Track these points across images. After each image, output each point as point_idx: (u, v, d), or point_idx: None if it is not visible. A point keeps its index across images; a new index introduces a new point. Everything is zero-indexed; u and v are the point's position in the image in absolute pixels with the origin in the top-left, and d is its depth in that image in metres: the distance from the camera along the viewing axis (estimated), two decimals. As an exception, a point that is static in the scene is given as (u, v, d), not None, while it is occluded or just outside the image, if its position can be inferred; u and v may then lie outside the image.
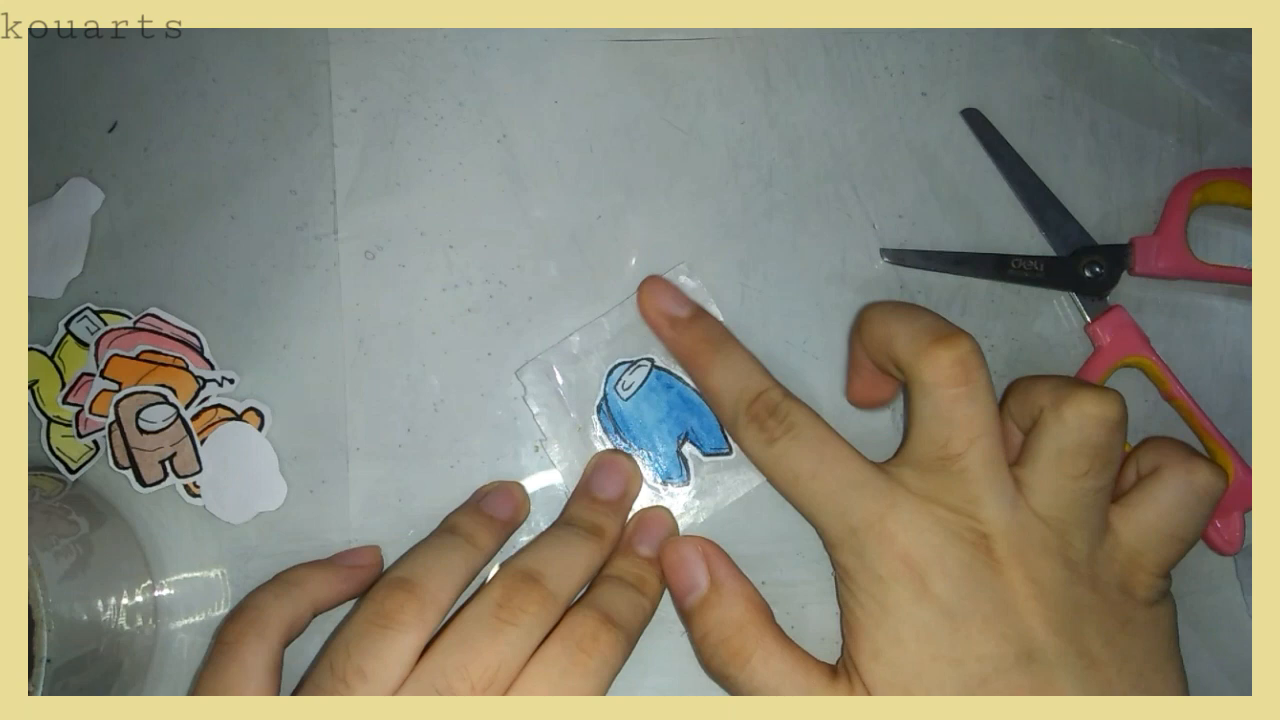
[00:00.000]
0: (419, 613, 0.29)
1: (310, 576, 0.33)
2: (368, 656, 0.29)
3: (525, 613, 0.29)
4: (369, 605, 0.30)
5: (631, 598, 0.32)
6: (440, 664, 0.29)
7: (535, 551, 0.32)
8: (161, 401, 0.37)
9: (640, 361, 0.37)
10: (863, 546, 0.30)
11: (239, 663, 0.30)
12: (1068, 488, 0.30)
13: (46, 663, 0.30)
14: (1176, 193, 0.38)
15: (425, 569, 0.31)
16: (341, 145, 0.39)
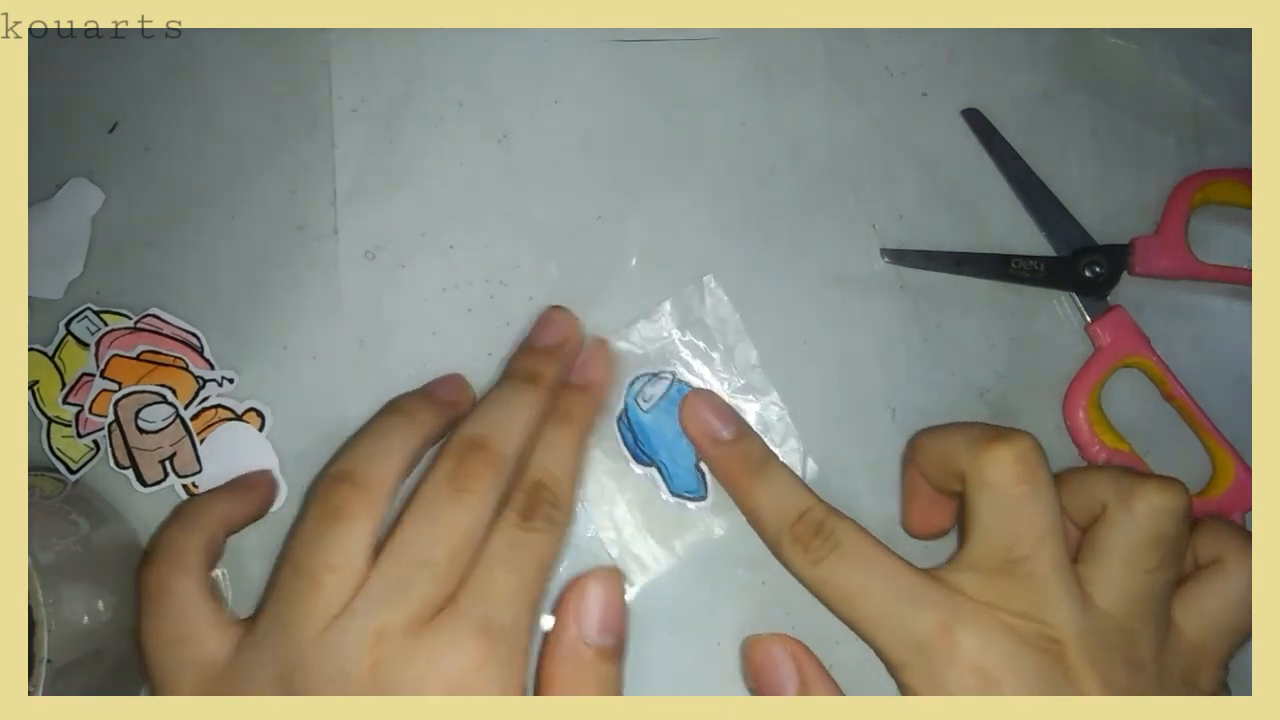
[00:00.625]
0: (366, 503, 0.30)
1: (212, 501, 0.35)
2: (329, 550, 0.29)
3: (478, 479, 0.30)
4: (315, 503, 0.30)
5: (560, 438, 0.33)
6: (406, 542, 0.29)
7: (479, 416, 0.32)
8: (161, 401, 0.37)
9: (663, 374, 0.36)
10: (929, 663, 0.29)
11: (172, 603, 0.31)
12: (1139, 583, 0.29)
13: (46, 663, 0.30)
14: (1176, 193, 0.38)
15: (365, 457, 0.31)
16: (341, 145, 0.39)
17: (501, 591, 0.29)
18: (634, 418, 0.36)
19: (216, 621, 0.31)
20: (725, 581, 0.36)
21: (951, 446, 0.31)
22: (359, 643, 0.27)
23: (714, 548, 0.37)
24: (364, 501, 0.30)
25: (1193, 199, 0.37)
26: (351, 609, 0.28)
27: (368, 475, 0.30)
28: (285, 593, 0.29)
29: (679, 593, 0.36)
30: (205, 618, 0.31)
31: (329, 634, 0.28)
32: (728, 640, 0.36)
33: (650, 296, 0.38)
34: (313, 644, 0.28)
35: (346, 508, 0.30)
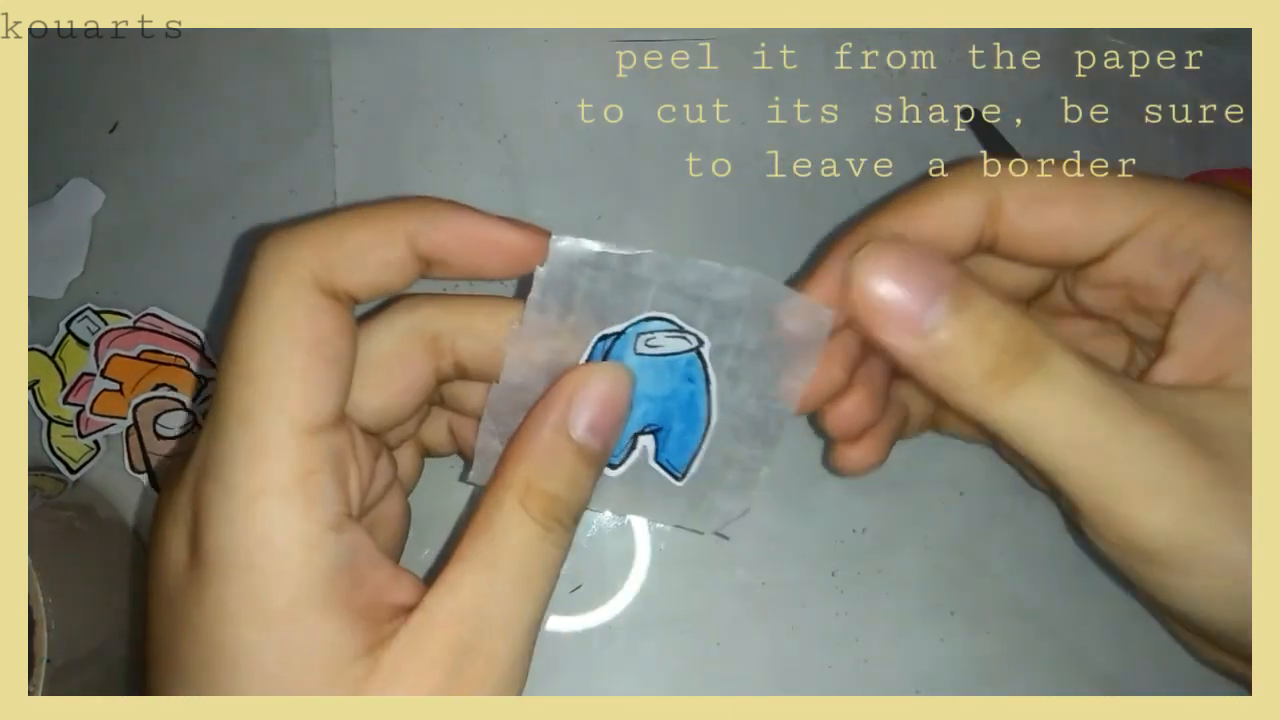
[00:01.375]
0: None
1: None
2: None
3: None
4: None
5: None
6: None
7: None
8: (179, 408, 0.37)
9: (689, 335, 0.28)
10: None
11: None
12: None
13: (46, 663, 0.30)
14: (1176, 193, 0.37)
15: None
16: (341, 145, 0.39)
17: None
18: (620, 351, 0.27)
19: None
20: (725, 581, 0.36)
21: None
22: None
23: (713, 547, 0.37)
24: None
25: (1193, 199, 0.37)
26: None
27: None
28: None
29: (679, 593, 0.36)
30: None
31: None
32: (728, 640, 0.36)
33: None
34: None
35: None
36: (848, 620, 0.36)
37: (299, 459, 0.22)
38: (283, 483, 0.21)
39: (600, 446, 0.24)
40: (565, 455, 0.24)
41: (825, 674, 0.36)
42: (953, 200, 0.25)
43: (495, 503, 0.23)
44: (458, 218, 0.24)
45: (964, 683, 0.36)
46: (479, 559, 0.23)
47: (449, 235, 0.24)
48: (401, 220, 0.23)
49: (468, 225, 0.24)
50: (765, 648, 0.36)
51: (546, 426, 0.24)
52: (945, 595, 0.36)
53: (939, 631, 0.36)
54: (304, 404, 0.22)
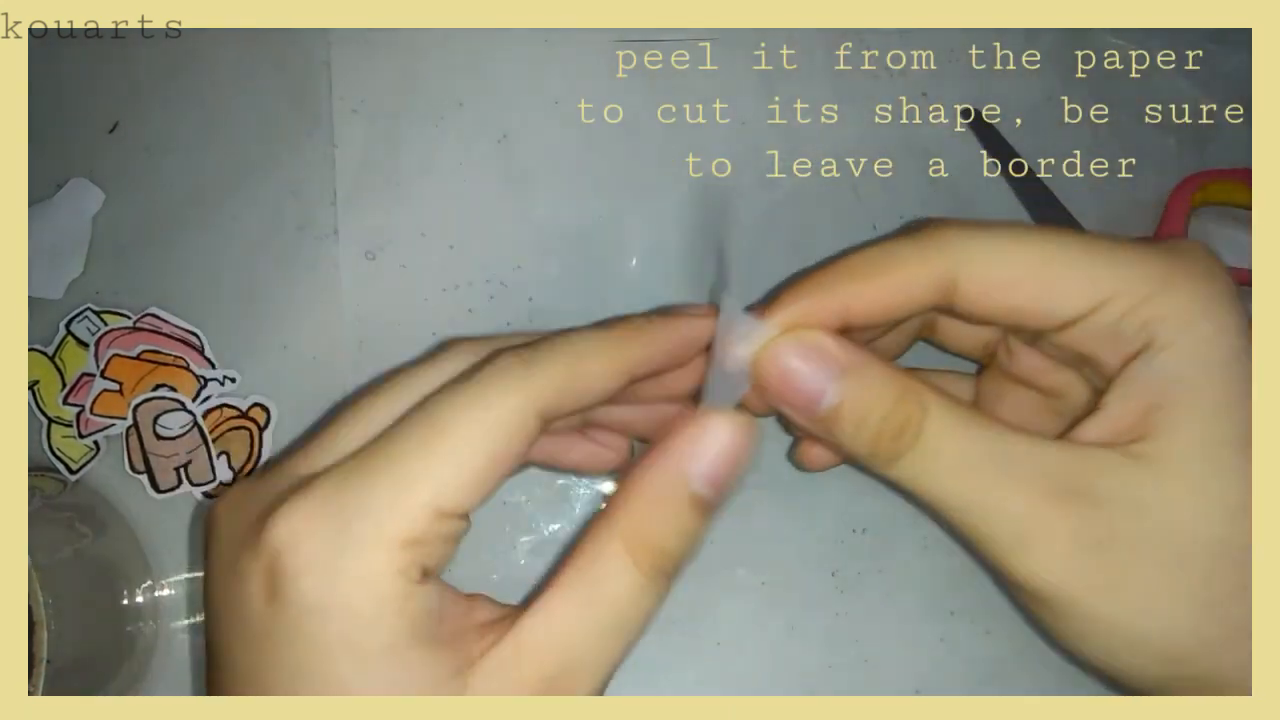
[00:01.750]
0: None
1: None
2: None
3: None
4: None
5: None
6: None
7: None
8: (179, 408, 0.37)
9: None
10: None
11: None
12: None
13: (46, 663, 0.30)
14: (1176, 193, 0.38)
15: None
16: (341, 145, 0.39)
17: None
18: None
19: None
20: (725, 581, 0.36)
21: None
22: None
23: (713, 548, 0.37)
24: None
25: (1193, 199, 0.37)
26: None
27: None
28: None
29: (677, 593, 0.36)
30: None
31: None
32: (727, 640, 0.36)
33: (650, 297, 0.38)
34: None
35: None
36: (848, 620, 0.36)
37: (423, 530, 0.22)
38: (398, 542, 0.22)
39: (717, 499, 0.24)
40: (679, 507, 0.23)
41: (825, 674, 0.36)
42: (906, 276, 0.25)
43: (602, 545, 0.23)
44: (669, 338, 0.26)
45: (964, 683, 0.36)
46: (578, 598, 0.23)
47: (665, 359, 0.26)
48: (628, 354, 0.25)
49: (676, 342, 0.26)
50: (765, 648, 0.36)
51: (664, 475, 0.23)
52: (945, 595, 0.36)
53: (939, 631, 0.36)
54: (456, 496, 0.22)
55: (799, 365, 0.24)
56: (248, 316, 0.38)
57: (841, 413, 0.24)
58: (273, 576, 0.22)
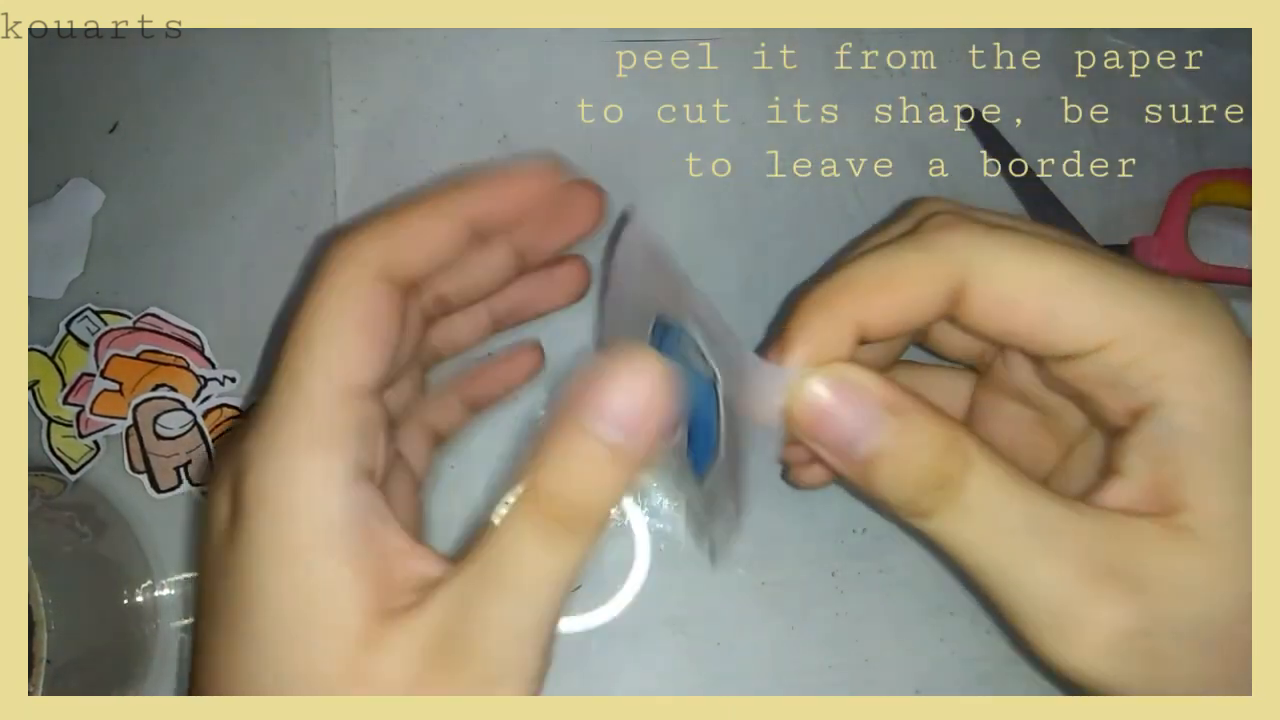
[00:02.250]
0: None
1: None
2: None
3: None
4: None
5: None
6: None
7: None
8: (179, 408, 0.37)
9: (709, 365, 0.26)
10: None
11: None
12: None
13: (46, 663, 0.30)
14: (1176, 193, 0.38)
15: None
16: (341, 145, 0.39)
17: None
18: (669, 344, 0.27)
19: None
20: (725, 581, 0.36)
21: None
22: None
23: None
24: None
25: (1193, 199, 0.37)
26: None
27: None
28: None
29: (679, 593, 0.36)
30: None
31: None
32: (727, 640, 0.36)
33: (650, 296, 0.38)
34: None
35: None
36: (848, 620, 0.36)
37: (333, 417, 0.22)
38: (314, 434, 0.22)
39: (635, 447, 0.21)
40: (579, 453, 0.21)
41: (825, 674, 0.36)
42: (916, 288, 0.23)
43: (506, 506, 0.22)
44: (506, 182, 0.24)
45: (964, 683, 0.36)
46: (474, 557, 0.22)
47: (498, 201, 0.24)
48: (452, 196, 0.24)
49: (516, 189, 0.25)
50: (765, 648, 0.36)
51: (566, 422, 0.21)
52: (945, 595, 0.36)
53: (939, 631, 0.36)
54: (344, 371, 0.23)
55: (838, 407, 0.23)
56: (247, 316, 0.38)
57: (881, 460, 0.22)
58: (233, 498, 0.23)
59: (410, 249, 0.24)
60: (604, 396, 0.21)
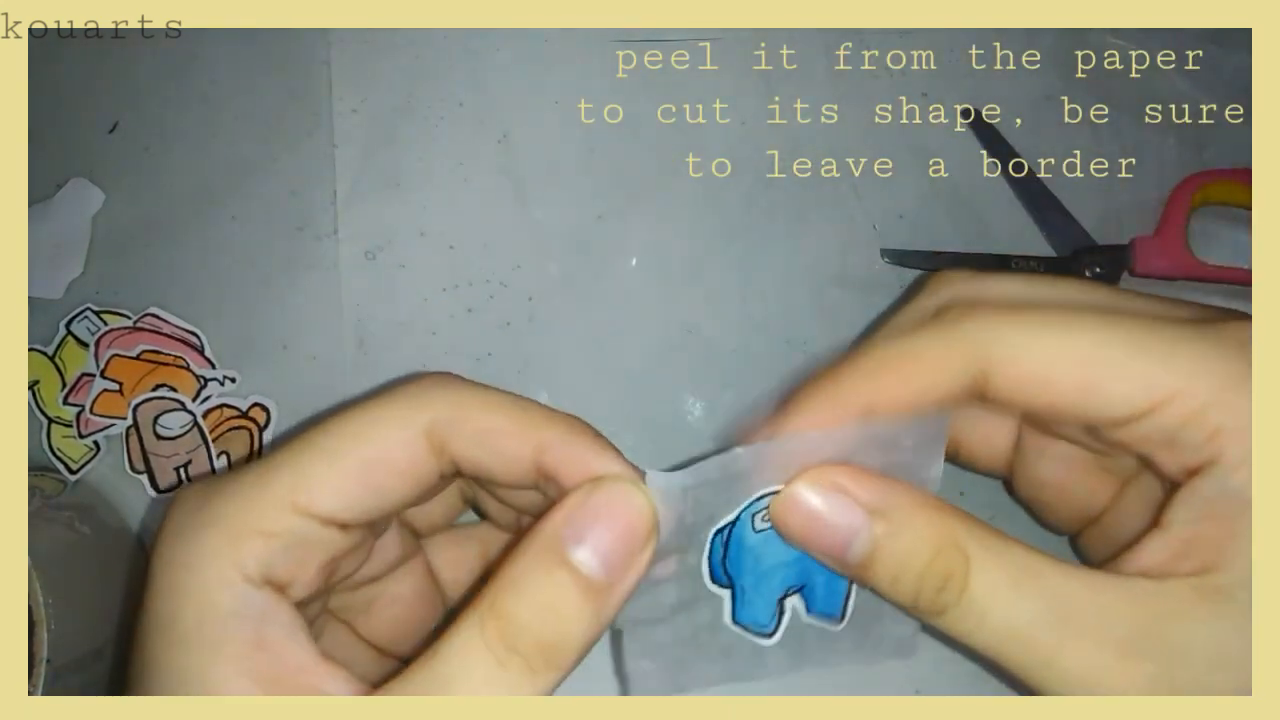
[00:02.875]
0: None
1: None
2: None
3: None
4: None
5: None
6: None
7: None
8: (179, 408, 0.37)
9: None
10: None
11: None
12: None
13: (46, 663, 0.30)
14: (1176, 193, 0.38)
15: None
16: (341, 145, 0.39)
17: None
18: (739, 534, 0.26)
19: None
20: (725, 581, 0.36)
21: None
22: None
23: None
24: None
25: (1193, 199, 0.37)
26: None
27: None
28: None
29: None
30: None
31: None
32: (728, 640, 0.36)
33: (650, 297, 0.38)
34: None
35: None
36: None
37: (272, 521, 0.21)
38: (243, 529, 0.21)
39: (604, 576, 0.20)
40: (544, 575, 0.20)
41: (825, 674, 0.36)
42: (932, 372, 0.22)
43: (455, 625, 0.20)
44: (591, 448, 0.22)
45: (964, 683, 0.36)
46: (418, 680, 0.20)
47: (574, 462, 0.22)
48: (541, 431, 0.22)
49: (594, 460, 0.22)
50: (765, 648, 0.36)
51: (534, 541, 0.20)
52: (945, 595, 0.36)
53: (939, 631, 0.36)
54: (319, 495, 0.21)
55: (826, 512, 0.22)
56: (248, 316, 0.38)
57: (875, 564, 0.22)
58: (149, 556, 0.22)
59: (467, 432, 0.22)
60: (587, 525, 0.20)
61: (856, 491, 0.22)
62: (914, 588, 0.22)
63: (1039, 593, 0.21)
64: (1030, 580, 0.21)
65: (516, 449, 0.22)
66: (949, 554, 0.21)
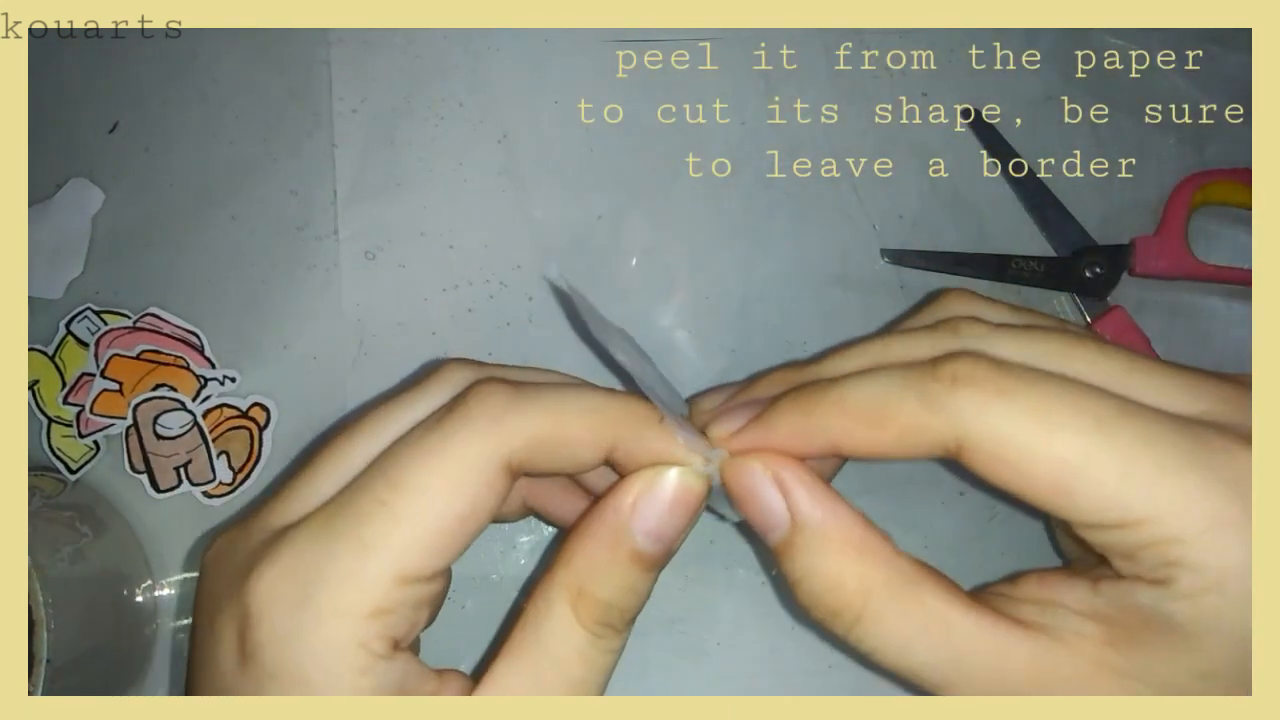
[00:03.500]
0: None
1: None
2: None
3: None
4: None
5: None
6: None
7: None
8: (179, 408, 0.37)
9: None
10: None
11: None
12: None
13: (46, 663, 0.30)
14: (1176, 193, 0.38)
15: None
16: (341, 145, 0.39)
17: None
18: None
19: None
20: (725, 581, 0.36)
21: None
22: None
23: (713, 547, 0.37)
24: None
25: (1193, 199, 0.37)
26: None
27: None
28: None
29: (679, 593, 0.36)
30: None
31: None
32: (727, 640, 0.36)
33: (650, 297, 0.38)
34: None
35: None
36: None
37: (387, 598, 0.21)
38: (360, 614, 0.21)
39: (663, 552, 0.23)
40: (622, 561, 0.23)
41: (825, 674, 0.36)
42: (906, 433, 0.22)
43: (546, 603, 0.23)
44: (660, 441, 0.24)
45: (964, 683, 0.36)
46: (526, 661, 0.22)
47: (646, 455, 0.24)
48: (614, 427, 0.23)
49: (661, 449, 0.24)
50: (765, 647, 0.36)
51: (605, 529, 0.23)
52: (945, 595, 0.36)
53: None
54: (420, 560, 0.22)
55: (758, 491, 0.23)
56: (248, 316, 0.38)
57: (786, 560, 0.23)
58: (243, 641, 0.21)
59: (552, 454, 0.23)
60: (653, 514, 0.23)
61: (793, 494, 0.23)
62: (810, 603, 0.23)
63: (938, 643, 0.22)
64: (932, 629, 0.22)
65: (591, 455, 0.23)
66: (845, 593, 0.22)
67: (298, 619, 0.21)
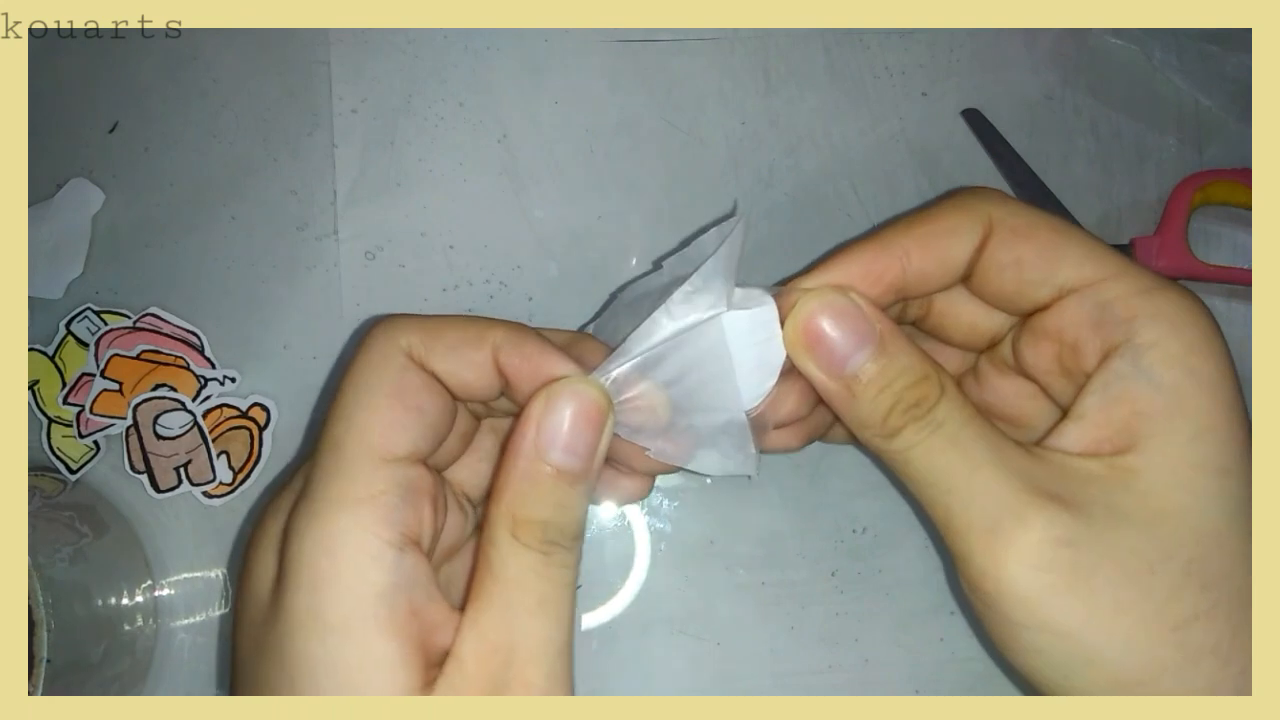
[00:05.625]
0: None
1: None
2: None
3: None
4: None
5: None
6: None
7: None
8: (179, 408, 0.37)
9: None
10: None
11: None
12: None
13: (46, 663, 0.30)
14: (1177, 193, 0.38)
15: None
16: (341, 145, 0.39)
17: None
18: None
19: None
20: (725, 581, 0.36)
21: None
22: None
23: (714, 547, 0.37)
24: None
25: (1193, 199, 0.37)
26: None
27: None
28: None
29: (679, 593, 0.36)
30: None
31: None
32: (727, 640, 0.36)
33: (650, 296, 0.38)
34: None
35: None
36: (848, 620, 0.36)
37: (372, 481, 0.23)
38: (353, 498, 0.23)
39: (581, 465, 0.24)
40: (543, 480, 0.24)
41: (825, 674, 0.36)
42: (957, 219, 0.26)
43: (489, 539, 0.24)
44: (536, 347, 0.25)
45: (964, 683, 0.36)
46: (489, 595, 0.23)
47: (523, 360, 0.25)
48: (491, 333, 0.25)
49: (539, 358, 0.25)
50: (765, 648, 0.36)
51: (519, 456, 0.24)
52: (945, 595, 0.36)
53: (939, 631, 0.36)
54: (382, 437, 0.24)
55: (832, 327, 0.25)
56: (248, 316, 0.38)
57: (864, 378, 0.25)
58: (278, 559, 0.23)
59: (442, 349, 0.25)
60: (554, 431, 0.24)
61: (866, 314, 0.25)
62: (890, 403, 0.25)
63: (983, 431, 0.24)
64: (978, 424, 0.24)
65: (476, 355, 0.25)
66: (929, 384, 0.25)
67: (305, 520, 0.23)
